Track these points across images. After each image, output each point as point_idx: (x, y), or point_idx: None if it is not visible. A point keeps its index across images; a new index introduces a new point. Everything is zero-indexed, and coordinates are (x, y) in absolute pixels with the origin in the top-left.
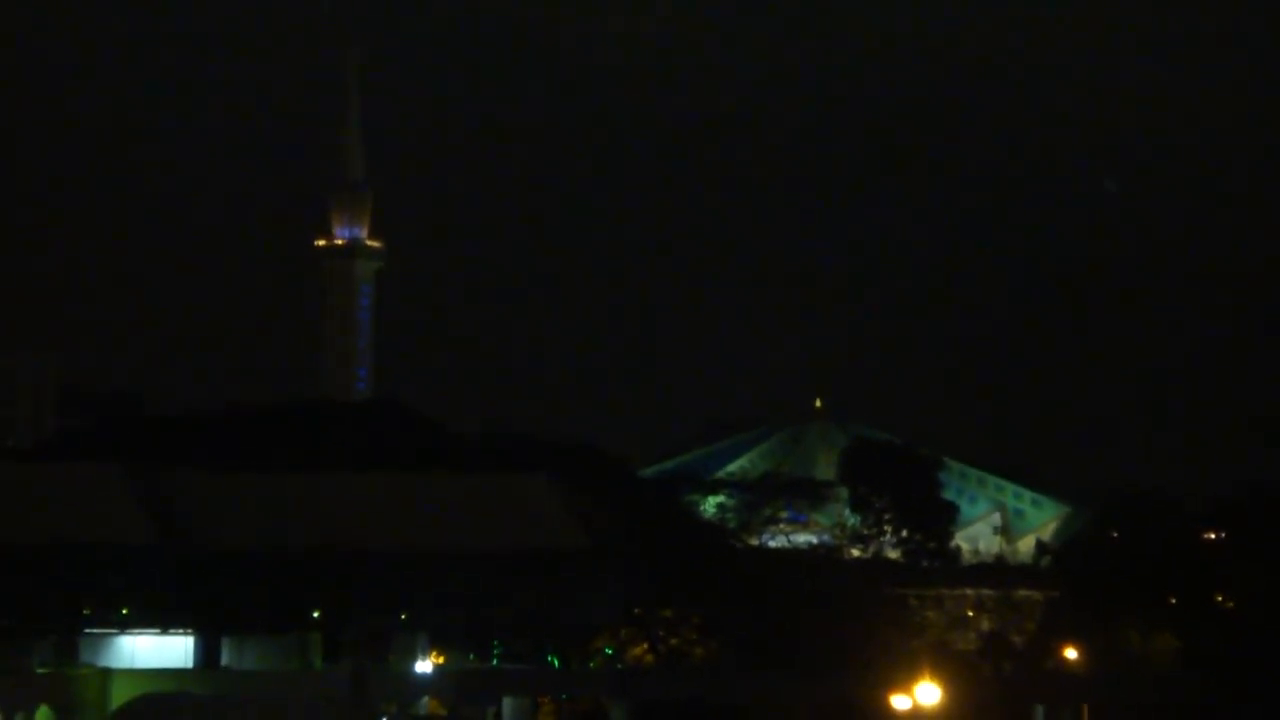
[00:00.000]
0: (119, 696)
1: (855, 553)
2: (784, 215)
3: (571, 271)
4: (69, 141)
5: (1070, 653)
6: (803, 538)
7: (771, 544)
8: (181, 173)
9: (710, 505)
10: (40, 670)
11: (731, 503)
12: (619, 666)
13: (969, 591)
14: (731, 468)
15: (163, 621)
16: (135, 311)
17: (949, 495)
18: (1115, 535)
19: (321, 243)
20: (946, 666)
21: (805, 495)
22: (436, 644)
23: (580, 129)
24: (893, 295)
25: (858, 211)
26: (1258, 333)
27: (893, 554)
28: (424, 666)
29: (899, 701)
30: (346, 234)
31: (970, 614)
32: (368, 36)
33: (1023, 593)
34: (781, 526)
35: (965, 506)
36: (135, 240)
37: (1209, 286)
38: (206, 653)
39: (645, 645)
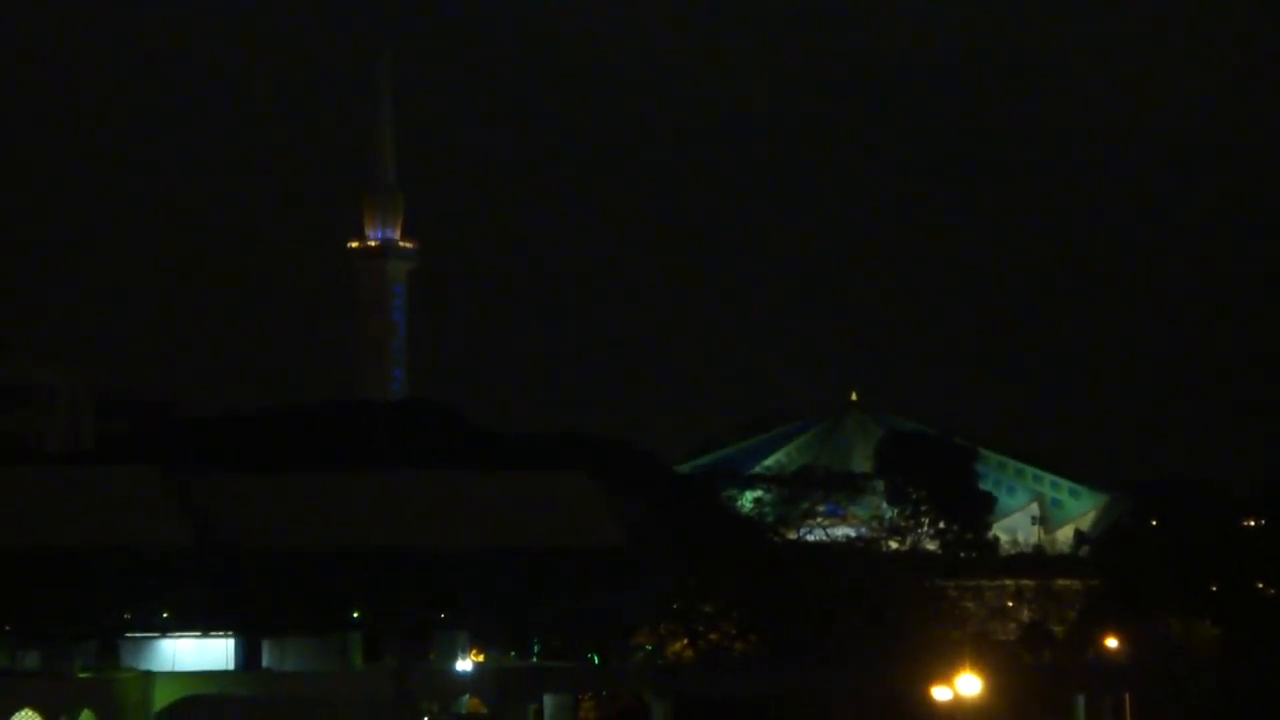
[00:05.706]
0: (161, 699)
1: (893, 545)
2: (817, 208)
3: (605, 268)
4: (100, 146)
5: (1111, 642)
6: (840, 531)
7: (809, 538)
8: (214, 176)
9: (747, 500)
10: (82, 674)
11: (768, 497)
12: (659, 662)
13: (1008, 582)
14: (768, 462)
15: (203, 624)
16: (170, 316)
17: (986, 486)
18: (1154, 523)
19: (355, 244)
20: (987, 657)
21: (842, 488)
22: (477, 642)
23: (613, 126)
24: (927, 286)
25: (891, 204)
26: None
27: (931, 545)
28: (465, 665)
29: (940, 693)
30: (379, 235)
31: (1010, 604)
32: (399, 36)
33: (1062, 582)
34: (819, 520)
35: (1003, 497)
36: (169, 244)
37: (1249, 269)
38: (247, 654)
39: (685, 641)
